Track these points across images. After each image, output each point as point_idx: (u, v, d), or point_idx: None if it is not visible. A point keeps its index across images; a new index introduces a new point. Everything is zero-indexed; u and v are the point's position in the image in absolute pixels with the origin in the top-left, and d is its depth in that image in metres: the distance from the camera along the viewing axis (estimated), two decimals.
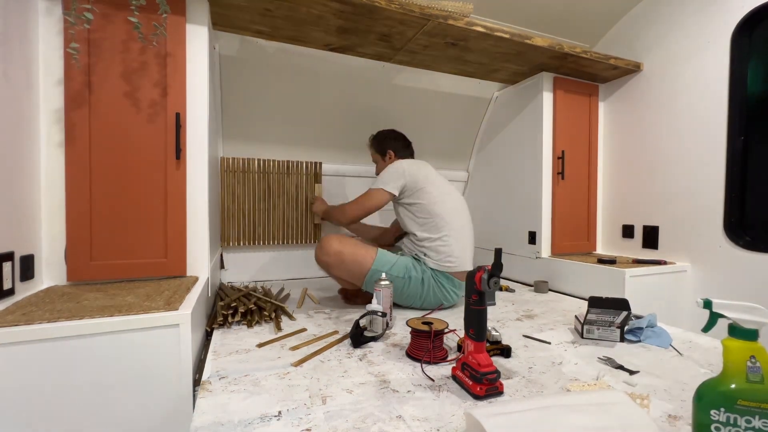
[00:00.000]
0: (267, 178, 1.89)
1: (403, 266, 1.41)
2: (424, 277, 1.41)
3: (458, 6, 1.43)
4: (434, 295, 1.42)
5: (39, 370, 0.77)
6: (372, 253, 1.41)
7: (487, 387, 0.77)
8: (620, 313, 1.10)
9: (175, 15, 1.16)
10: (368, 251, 1.41)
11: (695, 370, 0.93)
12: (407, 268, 1.41)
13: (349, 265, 1.39)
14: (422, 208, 1.45)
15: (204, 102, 1.22)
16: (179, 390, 0.87)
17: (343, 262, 1.39)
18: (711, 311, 0.63)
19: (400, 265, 1.41)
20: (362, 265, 1.38)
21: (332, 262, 1.39)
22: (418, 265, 1.43)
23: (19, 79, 0.97)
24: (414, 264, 1.43)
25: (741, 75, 1.51)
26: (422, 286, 1.40)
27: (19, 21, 0.98)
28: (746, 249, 1.48)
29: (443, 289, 1.42)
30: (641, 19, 1.87)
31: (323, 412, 0.71)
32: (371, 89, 1.98)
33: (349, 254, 1.39)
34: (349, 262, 1.39)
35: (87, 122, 1.08)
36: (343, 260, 1.38)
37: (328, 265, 1.41)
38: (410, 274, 1.40)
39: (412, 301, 1.44)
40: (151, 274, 1.16)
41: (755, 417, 0.56)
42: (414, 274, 1.40)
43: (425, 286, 1.41)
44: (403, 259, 1.44)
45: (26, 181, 1.01)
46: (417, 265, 1.43)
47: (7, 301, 0.90)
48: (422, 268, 1.42)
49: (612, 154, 2.00)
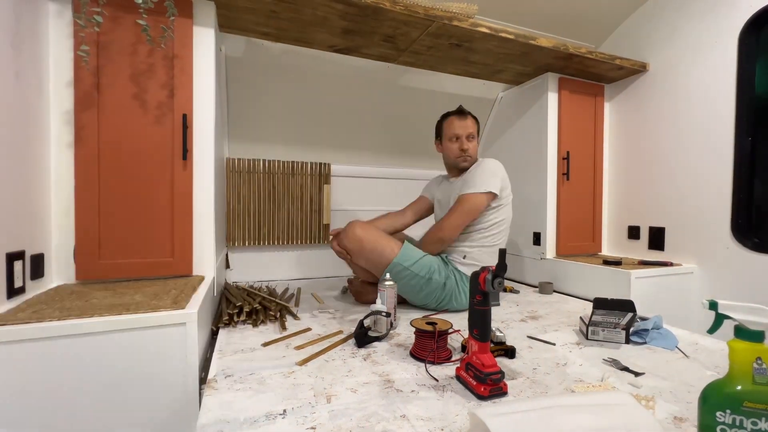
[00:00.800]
0: (272, 178, 1.90)
1: (426, 265, 1.35)
2: (447, 282, 1.37)
3: (463, 7, 1.43)
4: (453, 299, 1.39)
5: (48, 367, 0.78)
6: (396, 246, 1.36)
7: (491, 387, 0.77)
8: (626, 315, 1.10)
9: (182, 17, 1.17)
10: (392, 243, 1.36)
11: (701, 372, 0.93)
12: (431, 269, 1.35)
13: (368, 254, 1.35)
14: (499, 216, 1.45)
15: (210, 103, 1.24)
16: (185, 388, 0.88)
17: (363, 249, 1.35)
18: (717, 312, 0.63)
19: (424, 264, 1.35)
20: (383, 256, 1.33)
21: (352, 248, 1.36)
22: (444, 268, 1.39)
23: (30, 81, 0.99)
24: (440, 266, 1.38)
25: (748, 75, 1.50)
26: (442, 291, 1.37)
27: (30, 23, 1.00)
28: (754, 250, 1.47)
29: (464, 295, 1.39)
30: (647, 19, 1.86)
31: (328, 411, 0.72)
32: (376, 90, 1.98)
33: (370, 242, 1.35)
34: (368, 251, 1.35)
35: (96, 123, 1.10)
36: (363, 247, 1.35)
37: (350, 251, 1.38)
38: (432, 275, 1.35)
39: (426, 302, 1.40)
40: (158, 274, 1.18)
41: (761, 419, 0.56)
42: (436, 277, 1.35)
43: (446, 290, 1.37)
44: (429, 258, 1.38)
45: (37, 182, 1.02)
46: (443, 268, 1.38)
47: (17, 299, 0.92)
48: (447, 273, 1.38)
49: (618, 155, 1.99)
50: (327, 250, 2.05)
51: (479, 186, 1.40)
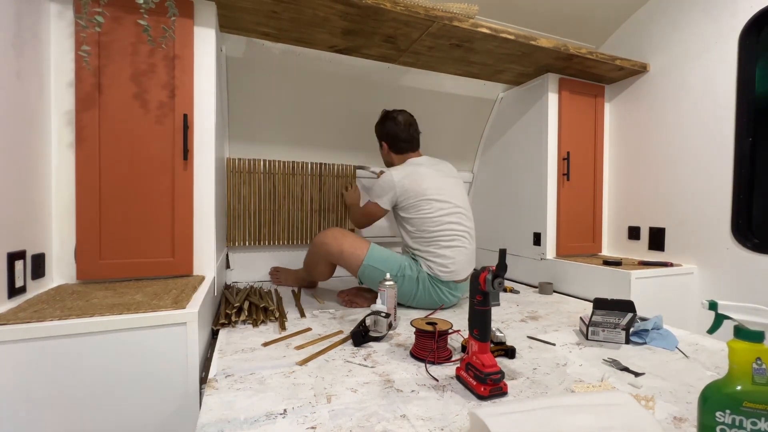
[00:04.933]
0: (272, 178, 1.90)
1: (396, 264, 1.41)
2: (420, 276, 1.41)
3: (463, 7, 1.43)
4: (429, 295, 1.42)
5: (49, 366, 0.78)
6: (364, 247, 1.43)
7: (491, 387, 0.78)
8: (626, 315, 1.10)
9: (183, 18, 1.17)
10: (362, 244, 1.44)
11: (701, 373, 0.93)
12: (401, 266, 1.41)
13: (343, 257, 1.44)
14: (412, 222, 1.45)
15: (211, 103, 1.24)
16: (186, 387, 0.88)
17: (340, 253, 1.44)
18: (716, 313, 0.63)
19: (393, 263, 1.41)
20: (357, 258, 1.41)
21: (331, 252, 1.45)
22: (414, 264, 1.43)
23: (31, 81, 0.99)
24: (410, 263, 1.43)
25: (749, 76, 1.50)
26: (416, 285, 1.40)
27: (31, 24, 1.00)
28: (754, 251, 1.47)
29: (439, 291, 1.42)
30: (647, 19, 1.86)
31: (328, 411, 0.72)
32: (376, 90, 1.98)
33: (346, 246, 1.43)
34: (345, 254, 1.43)
35: (97, 123, 1.10)
36: (340, 251, 1.43)
37: (328, 254, 1.46)
38: (404, 272, 1.40)
39: (405, 300, 1.43)
40: (159, 273, 1.18)
41: (761, 419, 0.56)
42: (409, 273, 1.40)
43: (419, 285, 1.40)
44: (397, 256, 1.44)
45: (38, 182, 1.02)
46: (413, 265, 1.43)
47: (19, 299, 0.92)
48: (418, 268, 1.42)
49: (618, 156, 1.99)
50: None
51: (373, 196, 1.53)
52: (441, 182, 1.50)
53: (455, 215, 1.47)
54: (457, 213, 1.48)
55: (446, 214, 1.45)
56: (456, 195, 1.51)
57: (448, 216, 1.45)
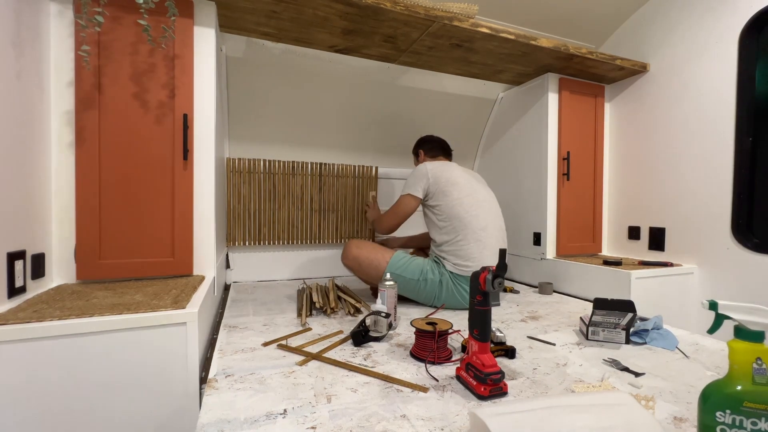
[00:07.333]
0: (272, 178, 1.90)
1: (417, 268, 1.44)
2: (443, 279, 1.43)
3: (463, 7, 1.43)
4: (453, 296, 1.43)
5: (49, 366, 0.78)
6: (387, 255, 1.48)
7: (492, 387, 0.78)
8: (626, 315, 1.10)
9: (183, 18, 1.17)
10: (384, 254, 1.48)
11: (701, 373, 0.93)
12: (423, 270, 1.44)
13: (366, 269, 1.48)
14: (442, 209, 1.47)
15: (211, 103, 1.24)
16: (186, 387, 0.88)
17: (360, 266, 1.49)
18: (716, 313, 0.63)
19: (414, 267, 1.44)
20: (378, 268, 1.46)
21: (352, 266, 1.51)
22: (437, 267, 1.46)
23: (31, 81, 0.99)
24: (432, 266, 1.45)
25: (749, 75, 1.50)
26: (440, 288, 1.43)
27: (31, 23, 1.00)
28: (754, 251, 1.47)
29: (463, 291, 1.43)
30: (647, 19, 1.86)
31: (328, 411, 0.72)
32: (376, 90, 1.98)
33: (365, 258, 1.48)
34: (365, 266, 1.48)
35: (97, 123, 1.10)
36: (360, 264, 1.49)
37: (350, 268, 1.53)
38: (426, 276, 1.43)
39: (430, 302, 1.47)
40: (159, 273, 1.18)
41: (761, 419, 0.56)
42: (431, 276, 1.43)
43: (443, 287, 1.43)
44: (418, 260, 1.47)
45: (38, 181, 1.02)
46: (435, 268, 1.45)
47: (18, 299, 0.92)
48: (441, 271, 1.44)
49: (618, 155, 1.99)
50: (327, 250, 2.06)
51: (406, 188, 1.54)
52: (468, 178, 1.54)
53: (485, 203, 1.50)
54: (487, 204, 1.51)
55: (475, 201, 1.48)
56: (488, 200, 1.54)
57: (475, 203, 1.47)
